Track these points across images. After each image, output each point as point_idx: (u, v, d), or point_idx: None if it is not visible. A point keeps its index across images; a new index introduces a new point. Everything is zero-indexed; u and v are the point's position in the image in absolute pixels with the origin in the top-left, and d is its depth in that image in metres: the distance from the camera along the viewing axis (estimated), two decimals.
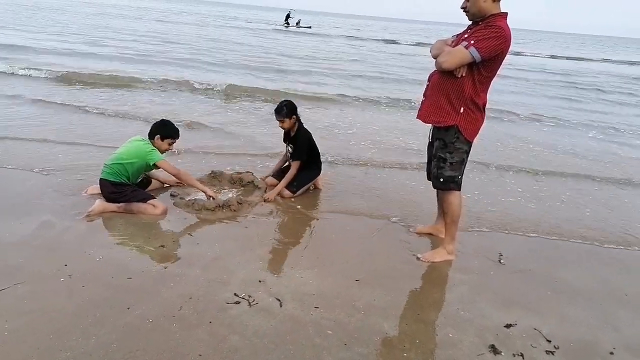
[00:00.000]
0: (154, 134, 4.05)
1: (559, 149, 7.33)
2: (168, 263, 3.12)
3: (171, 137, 4.10)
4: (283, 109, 4.42)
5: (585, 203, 4.99)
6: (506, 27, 3.00)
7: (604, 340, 2.70)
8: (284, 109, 4.42)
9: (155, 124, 4.13)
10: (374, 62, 19.76)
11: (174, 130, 4.12)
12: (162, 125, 4.11)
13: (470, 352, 2.49)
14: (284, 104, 4.48)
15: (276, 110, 4.48)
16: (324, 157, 5.05)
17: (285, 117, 4.43)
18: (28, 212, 3.66)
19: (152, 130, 4.07)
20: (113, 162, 3.90)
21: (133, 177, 4.00)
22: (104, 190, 3.91)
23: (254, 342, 2.41)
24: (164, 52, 16.19)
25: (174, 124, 4.16)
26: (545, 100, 12.99)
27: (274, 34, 33.76)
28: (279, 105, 4.49)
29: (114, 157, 3.94)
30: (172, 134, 4.10)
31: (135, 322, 2.48)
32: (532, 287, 3.22)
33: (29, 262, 2.99)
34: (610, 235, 4.20)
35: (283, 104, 4.47)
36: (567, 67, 25.92)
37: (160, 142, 4.05)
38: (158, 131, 4.05)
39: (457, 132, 3.19)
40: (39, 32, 19.23)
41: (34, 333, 2.35)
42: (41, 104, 7.56)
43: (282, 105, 4.47)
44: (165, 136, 4.06)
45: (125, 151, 3.95)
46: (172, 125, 4.14)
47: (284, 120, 4.45)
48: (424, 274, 3.30)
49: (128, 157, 3.91)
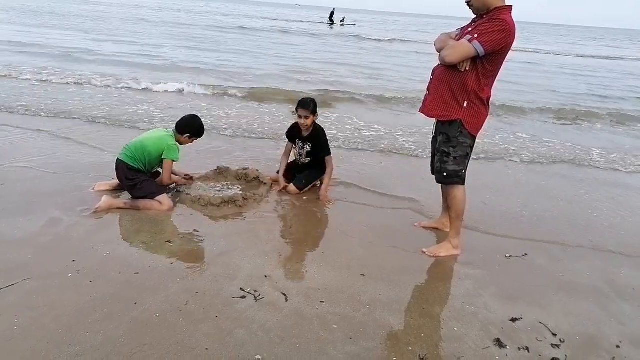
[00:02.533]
0: (185, 131, 4.06)
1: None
2: (174, 259, 3.14)
3: (199, 136, 4.18)
4: (311, 105, 4.29)
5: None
6: (511, 20, 2.97)
7: (610, 334, 2.70)
8: (311, 105, 4.29)
9: (188, 120, 4.11)
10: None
11: (203, 129, 4.18)
12: (199, 124, 4.13)
13: (476, 345, 2.49)
14: (309, 99, 4.35)
15: (303, 104, 4.31)
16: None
17: (312, 114, 4.32)
18: (35, 209, 3.69)
19: (183, 126, 4.06)
20: (134, 146, 3.92)
21: (149, 165, 4.01)
22: (119, 171, 3.93)
23: (260, 336, 2.43)
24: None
25: (202, 122, 4.19)
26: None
27: (364, 42, 27.83)
28: (304, 100, 4.34)
29: (137, 141, 3.96)
30: (202, 133, 4.18)
31: (142, 317, 2.51)
32: (537, 282, 3.22)
33: (37, 258, 3.02)
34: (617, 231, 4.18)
35: (309, 100, 4.34)
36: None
37: (188, 139, 4.10)
38: (191, 130, 4.07)
39: (460, 127, 3.18)
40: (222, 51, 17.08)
41: (43, 328, 2.37)
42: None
43: (308, 100, 4.33)
44: (195, 135, 4.13)
45: (149, 138, 3.98)
46: (202, 124, 4.17)
47: (309, 117, 4.32)
48: (429, 268, 3.31)
49: (151, 145, 3.93)
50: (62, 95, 8.08)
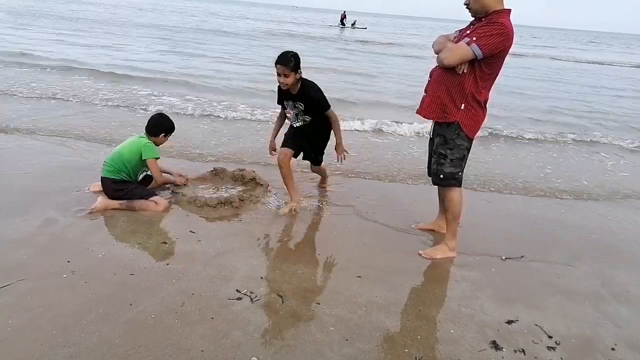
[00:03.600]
0: (159, 132, 4.03)
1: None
2: (170, 260, 3.13)
3: (172, 131, 4.15)
4: (291, 60, 3.65)
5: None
6: (509, 24, 2.98)
7: (605, 336, 2.70)
8: (291, 60, 3.65)
9: (157, 120, 4.07)
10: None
11: (173, 123, 4.14)
12: (166, 121, 4.09)
13: (472, 348, 2.49)
14: (290, 54, 3.70)
15: (281, 60, 3.66)
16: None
17: (292, 71, 3.68)
18: (31, 209, 3.67)
19: (154, 127, 4.02)
20: (113, 159, 3.91)
21: (134, 173, 3.99)
22: (106, 189, 3.91)
23: (255, 337, 2.42)
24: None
25: (169, 117, 4.15)
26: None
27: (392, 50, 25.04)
28: (284, 54, 3.69)
29: (113, 153, 3.94)
30: (173, 127, 4.14)
31: (137, 318, 2.49)
32: (533, 284, 3.22)
33: (32, 258, 3.00)
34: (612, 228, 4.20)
35: (289, 54, 3.70)
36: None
37: (163, 138, 4.07)
38: (162, 129, 4.04)
39: (457, 129, 3.19)
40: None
41: (38, 329, 2.36)
42: None
43: (288, 55, 3.69)
44: (169, 131, 4.09)
45: (123, 147, 3.95)
46: (169, 118, 4.14)
47: (289, 74, 3.68)
48: (426, 270, 3.31)
49: (126, 153, 3.91)
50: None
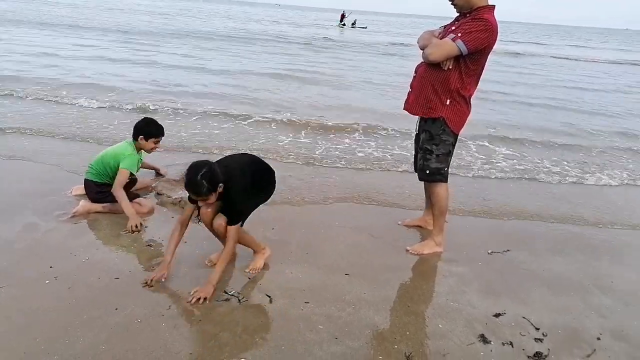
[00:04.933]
0: (137, 134, 3.92)
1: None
2: (156, 262, 3.08)
3: (155, 136, 3.98)
4: (202, 186, 2.64)
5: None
6: (493, 20, 3.00)
7: (591, 326, 2.74)
8: (203, 185, 2.64)
9: (138, 123, 3.98)
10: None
11: (158, 128, 3.99)
12: (145, 124, 3.96)
13: (461, 342, 2.51)
14: (199, 176, 2.62)
15: (192, 190, 2.72)
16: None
17: (209, 193, 2.71)
18: (11, 214, 3.59)
19: (135, 131, 3.93)
20: (96, 162, 3.84)
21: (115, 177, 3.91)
22: (88, 191, 3.84)
23: (244, 338, 2.40)
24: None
25: (157, 122, 4.02)
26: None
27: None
28: (191, 182, 2.66)
29: (98, 157, 3.87)
30: (155, 133, 3.98)
31: (123, 322, 2.45)
32: (519, 277, 3.25)
33: (14, 264, 2.94)
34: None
35: (198, 177, 2.62)
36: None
37: (145, 142, 3.95)
38: (141, 131, 3.93)
39: (443, 124, 3.20)
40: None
41: (20, 336, 2.31)
42: None
43: (196, 180, 2.63)
44: (149, 135, 3.96)
45: (107, 152, 3.88)
46: (155, 123, 4.00)
47: (208, 198, 2.74)
48: (413, 266, 3.32)
49: (109, 158, 3.83)
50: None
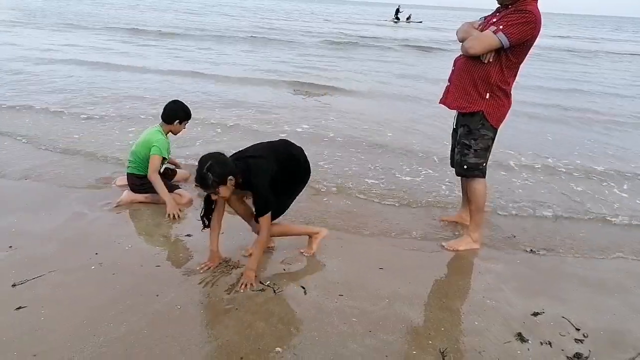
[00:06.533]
0: (174, 119, 3.98)
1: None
2: (195, 251, 3.17)
3: (188, 118, 4.08)
4: (208, 178, 2.66)
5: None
6: (537, 11, 2.90)
7: (635, 329, 2.64)
8: (208, 178, 2.66)
9: (173, 108, 4.00)
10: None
11: (189, 109, 4.07)
12: (181, 109, 4.02)
13: (497, 340, 2.46)
14: (204, 168, 2.66)
15: (201, 184, 2.74)
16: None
17: (218, 185, 2.71)
18: (59, 204, 3.77)
19: (170, 115, 3.97)
20: (132, 156, 3.94)
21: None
22: (130, 183, 3.98)
23: (279, 328, 2.44)
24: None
25: (185, 104, 4.08)
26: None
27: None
28: (200, 175, 2.69)
29: (132, 151, 3.97)
30: (189, 114, 4.06)
31: (164, 309, 2.54)
32: (559, 276, 3.16)
33: (62, 251, 3.09)
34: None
35: (204, 169, 2.66)
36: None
37: (179, 126, 4.03)
38: (178, 116, 3.99)
39: (482, 119, 3.13)
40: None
41: (68, 319, 2.43)
42: None
43: (202, 172, 2.67)
44: (185, 119, 4.04)
45: (137, 144, 3.94)
46: (185, 105, 4.06)
47: (217, 190, 2.73)
48: (449, 262, 3.28)
49: (141, 147, 3.90)
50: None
